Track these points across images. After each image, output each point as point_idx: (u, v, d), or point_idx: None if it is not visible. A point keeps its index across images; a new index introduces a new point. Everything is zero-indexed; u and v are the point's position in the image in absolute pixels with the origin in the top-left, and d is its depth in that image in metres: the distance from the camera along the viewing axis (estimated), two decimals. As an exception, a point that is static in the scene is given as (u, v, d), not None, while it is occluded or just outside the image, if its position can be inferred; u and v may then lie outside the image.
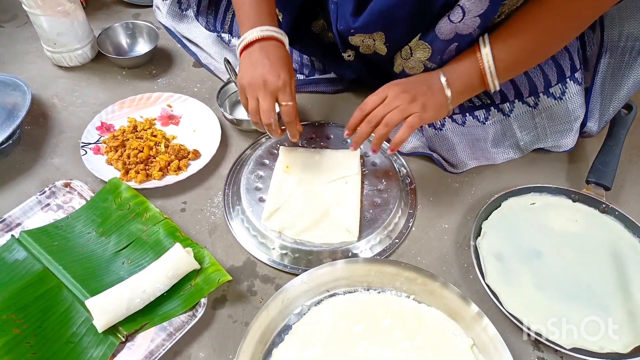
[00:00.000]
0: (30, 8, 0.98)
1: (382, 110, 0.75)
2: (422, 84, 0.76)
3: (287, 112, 0.77)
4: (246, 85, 0.76)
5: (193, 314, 0.69)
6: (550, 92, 0.84)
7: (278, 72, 0.75)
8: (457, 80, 0.76)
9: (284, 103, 0.76)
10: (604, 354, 0.66)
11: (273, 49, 0.77)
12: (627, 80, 0.84)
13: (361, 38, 0.83)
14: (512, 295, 0.71)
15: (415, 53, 0.80)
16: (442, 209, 0.86)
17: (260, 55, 0.76)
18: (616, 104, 0.87)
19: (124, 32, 1.15)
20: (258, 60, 0.76)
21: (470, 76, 0.75)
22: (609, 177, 0.84)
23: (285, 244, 0.76)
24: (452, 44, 0.75)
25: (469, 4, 0.67)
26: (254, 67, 0.75)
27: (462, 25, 0.70)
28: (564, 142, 0.89)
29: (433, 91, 0.75)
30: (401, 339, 0.66)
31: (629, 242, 0.79)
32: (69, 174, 0.88)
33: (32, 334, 0.66)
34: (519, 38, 0.72)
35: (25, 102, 0.91)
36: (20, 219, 0.80)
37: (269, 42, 0.77)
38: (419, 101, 0.74)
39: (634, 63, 0.83)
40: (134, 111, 0.99)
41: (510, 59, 0.73)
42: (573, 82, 0.83)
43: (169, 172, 0.87)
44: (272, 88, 0.74)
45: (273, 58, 0.76)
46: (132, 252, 0.76)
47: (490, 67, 0.72)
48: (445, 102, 0.76)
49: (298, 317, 0.69)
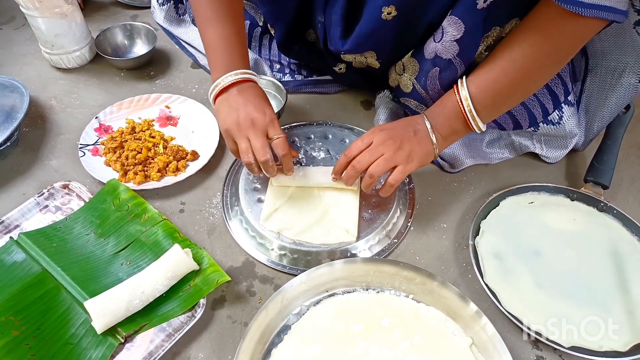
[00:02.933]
0: (27, 10, 0.98)
1: (367, 157, 0.73)
2: (408, 129, 0.75)
3: (281, 144, 0.74)
4: (232, 127, 0.74)
5: (192, 315, 0.69)
6: (549, 120, 0.85)
7: (262, 109, 0.74)
8: (442, 125, 0.75)
9: (275, 137, 0.74)
10: (602, 352, 0.66)
11: (250, 89, 0.77)
12: (610, 101, 0.85)
13: (353, 56, 0.85)
14: (511, 294, 0.71)
15: (407, 70, 0.81)
16: (441, 209, 0.86)
17: (240, 97, 0.75)
18: (599, 124, 0.88)
19: (122, 33, 1.15)
20: (239, 103, 0.75)
21: (454, 120, 0.74)
22: (607, 175, 0.84)
23: (284, 245, 0.76)
24: (434, 67, 0.76)
25: (446, 25, 0.70)
26: (236, 110, 0.74)
27: (440, 46, 0.72)
28: (556, 155, 0.91)
29: (419, 138, 0.74)
30: (400, 338, 0.66)
31: (627, 240, 0.79)
32: (67, 176, 0.88)
33: (31, 336, 0.66)
34: (495, 78, 0.69)
35: (23, 104, 0.91)
36: (19, 220, 0.80)
37: (245, 84, 0.77)
38: (404, 149, 0.73)
39: (616, 84, 0.83)
40: (132, 112, 0.99)
41: (489, 99, 0.71)
42: (568, 105, 0.84)
43: (167, 173, 0.87)
44: (261, 125, 0.73)
45: (253, 98, 0.76)
46: (130, 253, 0.76)
47: (471, 108, 0.71)
48: (431, 149, 0.75)
49: (297, 317, 0.69)
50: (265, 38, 1.07)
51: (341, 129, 0.95)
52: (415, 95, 0.86)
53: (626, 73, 0.81)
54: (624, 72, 0.81)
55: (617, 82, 0.83)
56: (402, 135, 0.74)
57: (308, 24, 0.94)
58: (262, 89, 0.81)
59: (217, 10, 0.78)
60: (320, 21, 0.84)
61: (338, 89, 1.07)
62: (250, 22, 1.04)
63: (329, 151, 0.90)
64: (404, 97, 0.89)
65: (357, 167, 0.73)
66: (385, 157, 0.72)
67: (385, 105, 0.96)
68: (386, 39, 0.77)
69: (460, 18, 0.68)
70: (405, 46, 0.80)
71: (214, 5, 0.78)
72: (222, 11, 0.78)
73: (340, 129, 0.96)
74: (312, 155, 0.90)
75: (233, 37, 0.79)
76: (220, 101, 0.77)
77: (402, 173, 0.73)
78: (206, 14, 0.78)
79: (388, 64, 0.87)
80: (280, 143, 0.74)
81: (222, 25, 0.78)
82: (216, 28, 0.78)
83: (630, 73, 0.81)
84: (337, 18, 0.79)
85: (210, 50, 0.80)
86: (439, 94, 0.79)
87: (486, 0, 0.64)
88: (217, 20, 0.78)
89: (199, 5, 0.79)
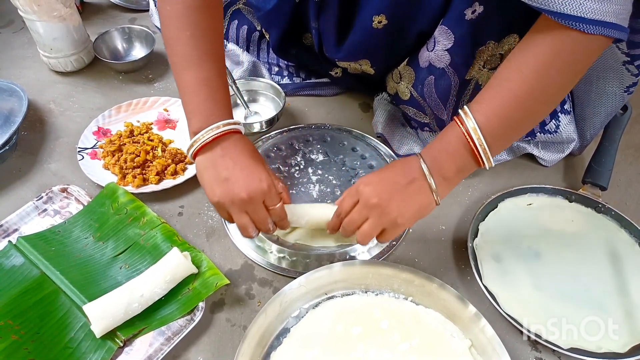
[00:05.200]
0: (26, 14, 0.99)
1: (351, 220, 0.66)
2: (398, 181, 0.64)
3: (278, 214, 0.68)
4: (225, 202, 0.65)
5: (191, 318, 0.69)
6: (546, 129, 0.86)
7: (257, 175, 0.65)
8: (445, 166, 0.63)
9: (271, 207, 0.67)
10: (601, 353, 0.66)
11: (238, 146, 0.67)
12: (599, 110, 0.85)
13: (348, 63, 0.85)
14: (510, 296, 0.71)
15: (404, 78, 0.82)
16: (439, 211, 0.85)
17: (226, 160, 0.65)
18: (592, 131, 0.89)
19: (120, 36, 1.15)
20: (227, 169, 0.64)
21: (459, 157, 0.63)
22: (605, 177, 0.84)
23: (283, 248, 0.76)
24: (429, 75, 0.76)
25: (437, 34, 0.70)
26: (226, 180, 0.64)
27: (434, 55, 0.72)
28: (552, 158, 0.91)
29: (414, 189, 0.64)
30: (399, 340, 0.66)
31: (626, 241, 0.79)
32: (66, 179, 0.88)
33: (30, 340, 0.66)
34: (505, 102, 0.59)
35: (22, 107, 0.91)
36: (17, 224, 0.80)
37: (231, 139, 0.66)
38: (390, 212, 0.63)
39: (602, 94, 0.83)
40: (131, 116, 0.99)
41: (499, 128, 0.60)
42: (564, 114, 0.84)
43: (166, 177, 0.87)
44: (259, 198, 0.65)
45: (242, 159, 0.66)
46: (129, 257, 0.76)
47: (481, 141, 0.60)
48: (429, 200, 0.64)
49: (296, 320, 0.69)
50: (263, 42, 1.07)
51: (339, 132, 0.95)
52: (413, 103, 0.86)
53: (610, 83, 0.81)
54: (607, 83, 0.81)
55: (603, 91, 0.82)
56: (389, 192, 0.64)
57: (304, 28, 0.94)
58: (249, 140, 0.71)
59: (198, 48, 0.67)
60: (314, 27, 0.84)
61: (336, 92, 1.07)
62: (247, 27, 1.04)
63: (327, 154, 0.90)
64: (402, 104, 0.90)
65: (348, 229, 0.67)
66: (370, 223, 0.65)
67: (383, 108, 0.96)
68: (378, 47, 0.78)
69: (449, 28, 0.68)
70: (398, 54, 0.81)
71: (195, 42, 0.67)
72: (203, 50, 0.67)
73: (339, 131, 0.96)
74: (310, 158, 0.90)
75: (215, 80, 0.68)
76: (203, 161, 0.66)
77: (391, 236, 0.66)
78: (185, 53, 0.67)
79: (383, 71, 0.87)
80: (276, 213, 0.67)
81: (203, 66, 0.67)
82: (196, 70, 0.67)
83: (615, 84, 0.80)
84: (331, 26, 0.79)
85: (187, 94, 0.67)
86: (435, 102, 0.80)
87: (474, 12, 0.64)
88: (198, 60, 0.67)
89: (176, 43, 0.67)
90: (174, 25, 0.67)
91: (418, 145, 0.93)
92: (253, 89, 1.04)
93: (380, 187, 0.65)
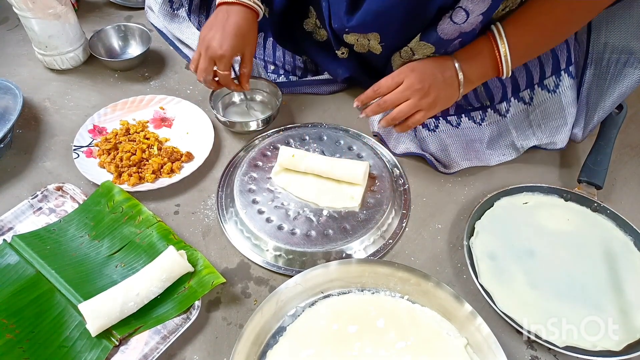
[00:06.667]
0: (21, 11, 0.98)
1: (394, 98, 0.79)
2: (437, 73, 0.78)
3: (223, 79, 0.87)
4: (200, 38, 0.86)
5: (187, 317, 0.69)
6: (544, 84, 0.85)
7: (223, 41, 0.82)
8: (474, 70, 0.78)
9: (220, 71, 0.85)
10: (596, 352, 0.67)
11: (234, 16, 0.83)
12: (612, 91, 0.85)
13: (355, 37, 0.84)
14: (506, 294, 0.72)
15: (417, 53, 0.81)
16: (435, 209, 0.86)
17: (221, 19, 0.83)
18: (601, 113, 0.88)
19: (116, 34, 1.15)
20: (217, 23, 0.83)
21: (487, 66, 0.78)
22: (601, 176, 0.84)
23: (279, 246, 0.76)
24: (456, 40, 0.76)
25: (472, 6, 0.69)
26: (211, 27, 0.83)
27: (466, 24, 0.72)
28: (558, 138, 0.89)
29: (446, 82, 0.78)
30: (395, 339, 0.66)
31: (621, 240, 0.79)
32: (61, 178, 0.88)
33: (25, 339, 0.66)
34: (533, 28, 0.74)
35: (17, 105, 0.90)
36: (12, 223, 0.80)
37: (235, 8, 0.83)
38: (430, 96, 0.78)
39: (619, 75, 0.84)
40: (127, 114, 0.98)
41: (524, 52, 0.77)
42: (567, 75, 0.84)
43: (162, 175, 0.87)
44: (210, 54, 0.83)
45: (229, 26, 0.82)
46: (125, 256, 0.76)
47: (508, 61, 0.76)
48: (455, 94, 0.80)
49: (292, 319, 0.69)
50: (260, 37, 1.07)
51: (336, 130, 0.95)
52: None
53: (630, 63, 0.82)
54: (627, 63, 0.82)
55: (621, 72, 0.83)
56: (430, 80, 0.77)
57: (306, 11, 0.94)
58: (249, 16, 0.85)
59: None
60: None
61: (333, 90, 1.07)
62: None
63: (323, 152, 0.90)
64: None
65: (382, 106, 0.80)
66: (411, 102, 0.78)
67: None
68: (394, 19, 0.76)
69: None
70: (411, 30, 0.79)
71: None
72: None
73: (335, 130, 0.96)
74: (307, 157, 0.90)
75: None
76: (216, 11, 0.85)
77: (423, 118, 0.80)
78: None
79: (390, 49, 0.85)
80: (221, 77, 0.86)
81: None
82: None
83: (635, 62, 0.82)
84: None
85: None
86: None
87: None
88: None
89: None
90: None
91: (415, 144, 0.93)
92: (250, 87, 1.03)
93: (424, 75, 0.78)
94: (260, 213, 0.80)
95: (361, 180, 0.83)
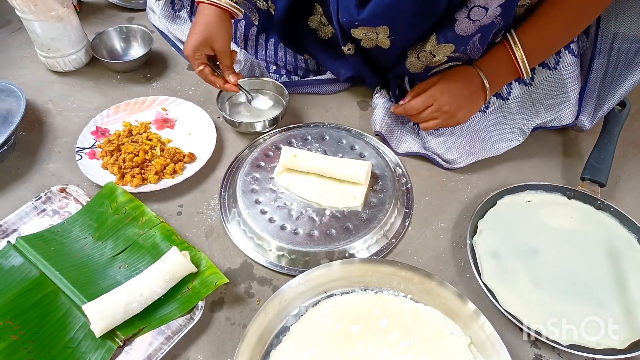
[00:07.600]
0: (23, 13, 0.98)
1: (426, 117, 0.86)
2: (464, 90, 0.83)
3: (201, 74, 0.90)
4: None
5: (191, 317, 0.69)
6: (544, 62, 0.85)
7: (187, 42, 0.87)
8: (497, 80, 0.84)
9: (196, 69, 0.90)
10: (601, 350, 0.66)
11: (202, 16, 0.86)
12: (623, 80, 0.84)
13: (364, 31, 0.83)
14: (509, 293, 0.72)
15: (437, 54, 0.81)
16: (438, 208, 0.86)
17: (197, 21, 0.87)
18: (611, 102, 0.86)
19: (118, 36, 1.15)
20: (194, 26, 0.87)
21: (508, 74, 0.83)
22: (604, 173, 0.84)
23: (282, 246, 0.76)
24: (475, 35, 0.77)
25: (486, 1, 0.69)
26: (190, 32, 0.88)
27: (485, 19, 0.72)
28: (563, 114, 0.87)
29: (473, 99, 0.84)
30: (399, 338, 0.66)
31: (624, 238, 0.79)
32: (64, 179, 0.88)
33: (29, 340, 0.66)
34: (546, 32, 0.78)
35: (20, 107, 0.90)
36: (16, 224, 0.80)
37: (205, 7, 0.86)
38: (458, 115, 0.85)
39: (630, 64, 0.83)
40: (129, 115, 0.99)
41: (539, 55, 0.81)
42: (568, 52, 0.83)
43: (164, 176, 0.87)
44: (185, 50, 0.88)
45: (194, 26, 0.87)
46: (128, 257, 0.76)
47: (526, 66, 0.80)
48: (478, 107, 0.87)
49: (296, 319, 0.69)
50: (262, 37, 1.07)
51: (338, 130, 0.95)
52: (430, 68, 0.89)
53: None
54: (638, 52, 0.82)
55: (632, 61, 0.83)
56: (459, 102, 0.84)
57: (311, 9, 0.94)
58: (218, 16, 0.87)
59: None
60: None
61: (335, 89, 1.07)
62: (245, 22, 1.04)
63: (326, 152, 0.90)
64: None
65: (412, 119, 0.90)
66: (437, 122, 0.86)
67: (382, 105, 0.95)
68: (405, 12, 0.75)
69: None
70: (421, 25, 0.79)
71: None
72: None
73: (337, 130, 0.96)
74: (309, 156, 0.90)
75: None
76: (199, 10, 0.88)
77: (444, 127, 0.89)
78: None
79: (398, 44, 0.85)
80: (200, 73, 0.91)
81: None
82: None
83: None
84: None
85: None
86: (477, 50, 0.81)
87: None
88: None
89: None
90: None
91: (417, 143, 0.93)
92: (255, 87, 1.03)
93: (453, 97, 0.84)
94: (263, 213, 0.81)
95: (363, 180, 0.83)
